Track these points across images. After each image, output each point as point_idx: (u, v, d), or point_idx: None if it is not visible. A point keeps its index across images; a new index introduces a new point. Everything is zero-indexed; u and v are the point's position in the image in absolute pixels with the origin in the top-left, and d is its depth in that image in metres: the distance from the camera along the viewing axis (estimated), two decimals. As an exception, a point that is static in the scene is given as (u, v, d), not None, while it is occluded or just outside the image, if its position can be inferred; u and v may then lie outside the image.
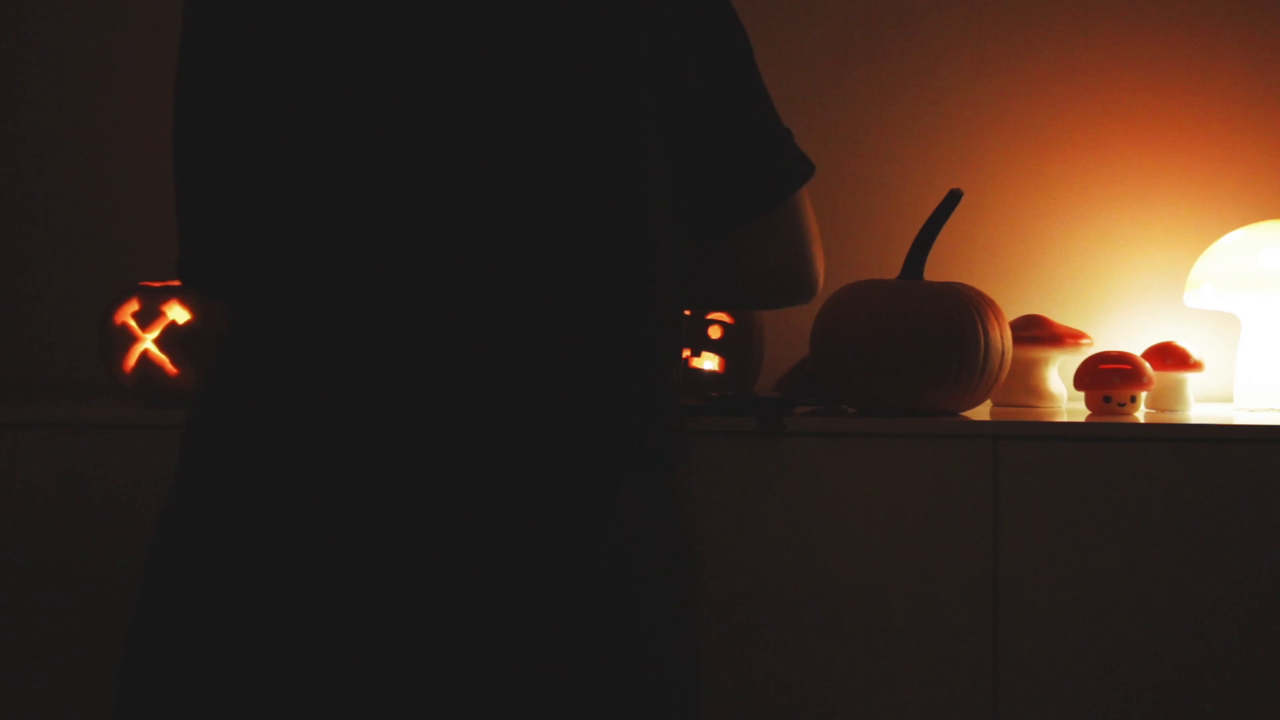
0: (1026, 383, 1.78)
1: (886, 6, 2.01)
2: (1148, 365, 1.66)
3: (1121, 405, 1.63)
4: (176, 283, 1.73)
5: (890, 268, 1.76)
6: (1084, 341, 1.78)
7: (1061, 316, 1.94)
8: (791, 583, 1.52)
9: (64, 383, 2.12)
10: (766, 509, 1.52)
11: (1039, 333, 1.77)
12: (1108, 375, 1.64)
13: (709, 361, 1.64)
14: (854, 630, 1.51)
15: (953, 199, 1.62)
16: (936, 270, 1.73)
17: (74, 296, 2.12)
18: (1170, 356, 1.71)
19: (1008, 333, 1.58)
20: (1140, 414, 1.66)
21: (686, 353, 1.65)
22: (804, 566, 1.52)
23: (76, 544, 1.61)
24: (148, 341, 1.69)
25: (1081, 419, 1.55)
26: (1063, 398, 1.79)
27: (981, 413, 1.66)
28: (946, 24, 2.00)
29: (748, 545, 1.53)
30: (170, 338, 1.69)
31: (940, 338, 1.52)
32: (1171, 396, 1.72)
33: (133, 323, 1.70)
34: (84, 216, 2.13)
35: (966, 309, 1.54)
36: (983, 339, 1.54)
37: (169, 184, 2.17)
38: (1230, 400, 1.90)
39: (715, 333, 1.64)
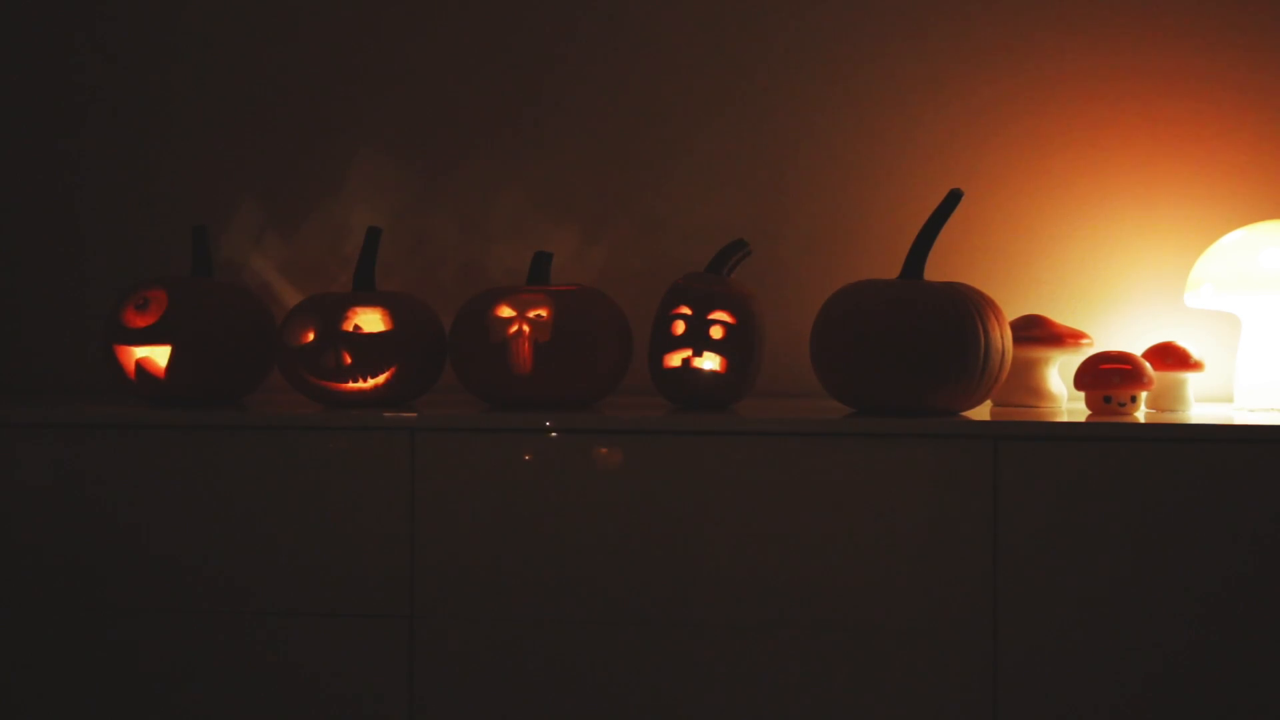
0: (1026, 383, 1.78)
1: (887, 8, 2.01)
2: (1148, 365, 1.66)
3: (1121, 405, 1.63)
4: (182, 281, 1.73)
5: (890, 268, 1.76)
6: (1084, 341, 1.78)
7: (1061, 316, 1.94)
8: (789, 582, 1.52)
9: (66, 383, 2.12)
10: (767, 508, 1.53)
11: (1039, 333, 1.77)
12: (1108, 375, 1.64)
13: (710, 361, 1.64)
14: (854, 630, 1.51)
15: (953, 199, 1.62)
16: (936, 270, 1.73)
17: (76, 296, 2.12)
18: (1170, 356, 1.71)
19: (1008, 333, 1.58)
20: (1140, 414, 1.66)
21: (688, 352, 1.65)
22: (803, 566, 1.52)
23: (77, 543, 1.61)
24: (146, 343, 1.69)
25: (1081, 419, 1.55)
26: (1063, 398, 1.79)
27: (981, 413, 1.66)
28: (947, 25, 2.00)
29: (749, 544, 1.53)
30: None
31: (940, 338, 1.52)
32: (1171, 396, 1.72)
33: (134, 322, 1.71)
34: (92, 216, 2.13)
35: (966, 309, 1.54)
36: (983, 339, 1.54)
37: (168, 185, 2.18)
38: (1230, 400, 1.90)
39: (717, 333, 1.64)
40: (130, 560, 1.60)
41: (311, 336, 1.67)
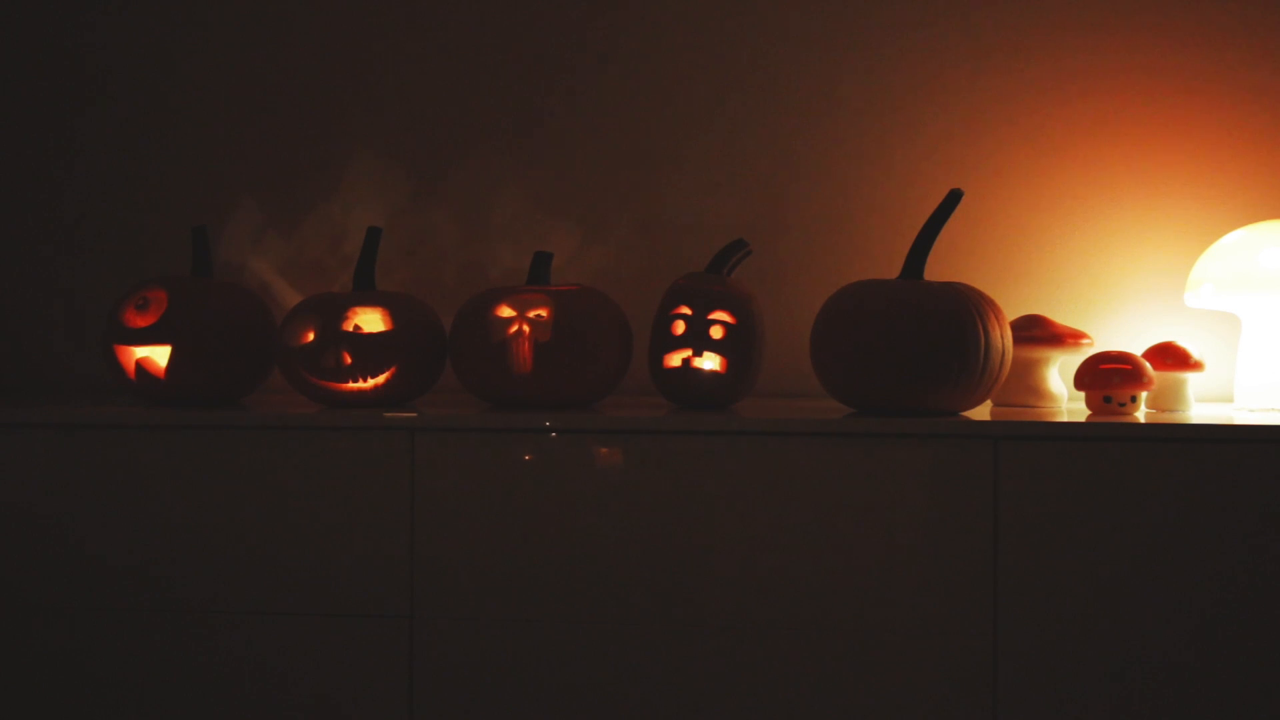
0: (1026, 383, 1.78)
1: (887, 8, 2.01)
2: (1148, 365, 1.66)
3: (1122, 405, 1.63)
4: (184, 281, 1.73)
5: (890, 268, 1.76)
6: (1084, 341, 1.78)
7: (1061, 316, 1.94)
8: (789, 582, 1.52)
9: (68, 382, 2.12)
10: (767, 508, 1.53)
11: (1039, 333, 1.77)
12: (1108, 375, 1.64)
13: (710, 361, 1.64)
14: (854, 629, 1.51)
15: (953, 199, 1.62)
16: (936, 270, 1.73)
17: (76, 296, 2.12)
18: (1170, 356, 1.71)
19: (1008, 333, 1.58)
20: (1140, 414, 1.66)
21: (688, 352, 1.65)
22: (803, 566, 1.52)
23: (77, 543, 1.61)
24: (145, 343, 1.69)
25: (1081, 419, 1.55)
26: (1063, 398, 1.79)
27: (981, 413, 1.66)
28: (947, 25, 2.00)
29: (748, 544, 1.53)
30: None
31: (940, 338, 1.52)
32: (1171, 396, 1.72)
33: (134, 322, 1.71)
34: (93, 216, 2.13)
35: (966, 309, 1.54)
36: (983, 339, 1.54)
37: (168, 185, 2.18)
38: (1230, 400, 1.90)
39: (717, 333, 1.64)
40: (129, 560, 1.60)
41: (311, 336, 1.67)
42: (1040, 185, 1.99)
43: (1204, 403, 1.90)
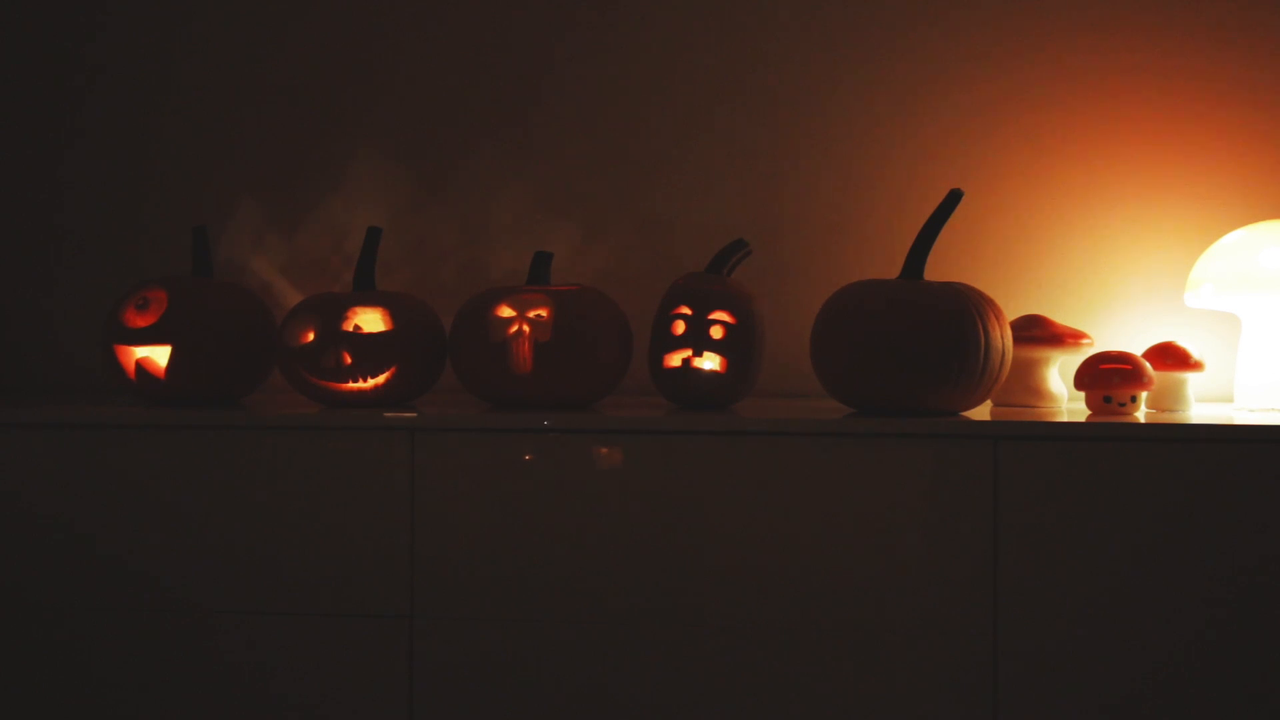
0: (1026, 383, 1.78)
1: (887, 7, 2.01)
2: (1148, 365, 1.66)
3: (1122, 405, 1.63)
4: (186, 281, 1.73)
5: (890, 268, 1.76)
6: (1084, 341, 1.78)
7: (1061, 316, 1.94)
8: (789, 582, 1.52)
9: (68, 382, 2.12)
10: (767, 508, 1.53)
11: (1039, 333, 1.77)
12: (1108, 375, 1.64)
13: (710, 361, 1.64)
14: (854, 630, 1.51)
15: (953, 199, 1.62)
16: (936, 270, 1.73)
17: (75, 296, 2.12)
18: (1170, 356, 1.71)
19: (1008, 333, 1.58)
20: (1140, 414, 1.66)
21: (688, 352, 1.65)
22: (803, 566, 1.52)
23: (77, 543, 1.61)
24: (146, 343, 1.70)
25: (1081, 419, 1.55)
26: (1063, 398, 1.79)
27: (981, 413, 1.66)
28: (946, 25, 2.00)
29: (748, 544, 1.53)
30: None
31: (940, 338, 1.52)
32: (1171, 396, 1.72)
33: (134, 322, 1.71)
34: (93, 216, 2.13)
35: (966, 309, 1.54)
36: (983, 339, 1.54)
37: (169, 185, 2.18)
38: (1230, 400, 1.90)
39: (718, 333, 1.64)
40: (129, 560, 1.60)
41: (311, 336, 1.67)
42: (1040, 185, 1.99)
43: (1204, 403, 1.90)
